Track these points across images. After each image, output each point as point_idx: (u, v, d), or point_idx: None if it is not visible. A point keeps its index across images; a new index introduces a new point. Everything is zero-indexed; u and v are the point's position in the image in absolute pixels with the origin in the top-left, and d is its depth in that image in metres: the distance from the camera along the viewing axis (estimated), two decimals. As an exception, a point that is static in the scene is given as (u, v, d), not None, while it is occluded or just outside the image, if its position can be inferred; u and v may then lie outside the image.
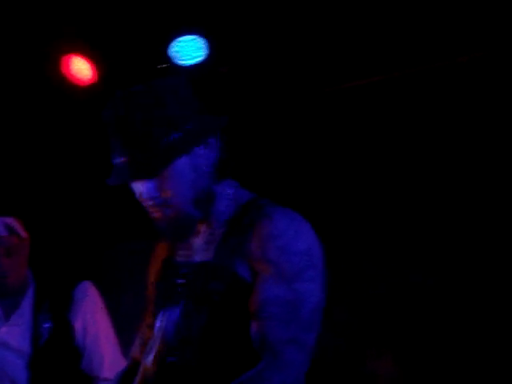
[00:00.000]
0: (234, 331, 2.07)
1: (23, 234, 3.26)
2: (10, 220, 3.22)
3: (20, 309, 3.23)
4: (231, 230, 2.13)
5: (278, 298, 2.02)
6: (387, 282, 3.98)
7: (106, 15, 3.85)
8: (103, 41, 3.99)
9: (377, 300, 3.88)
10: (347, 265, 3.87)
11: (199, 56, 3.74)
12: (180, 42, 3.71)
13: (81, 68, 4.00)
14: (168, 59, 3.78)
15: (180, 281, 2.15)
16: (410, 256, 4.09)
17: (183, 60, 3.76)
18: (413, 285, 3.93)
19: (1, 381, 3.24)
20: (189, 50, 3.73)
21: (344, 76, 4.24)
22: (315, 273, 2.05)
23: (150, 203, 2.07)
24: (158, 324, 2.18)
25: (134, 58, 3.85)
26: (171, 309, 2.16)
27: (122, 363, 3.10)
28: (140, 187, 2.07)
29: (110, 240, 4.40)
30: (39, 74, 4.11)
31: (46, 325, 3.26)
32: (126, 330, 3.17)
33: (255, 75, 3.87)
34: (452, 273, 4.01)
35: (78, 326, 3.26)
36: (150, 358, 2.13)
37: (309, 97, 4.28)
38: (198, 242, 2.18)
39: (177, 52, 3.75)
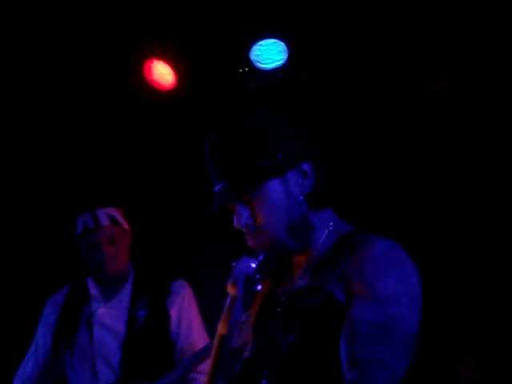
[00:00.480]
0: (324, 350, 2.06)
1: (125, 225, 3.43)
2: (113, 210, 3.40)
3: (119, 295, 3.45)
4: (330, 257, 2.13)
5: (371, 319, 2.01)
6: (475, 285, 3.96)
7: (187, 19, 3.91)
8: (184, 45, 4.03)
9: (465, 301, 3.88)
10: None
11: (280, 60, 3.74)
12: (261, 45, 3.72)
13: (163, 73, 4.05)
14: (249, 63, 3.80)
15: (279, 309, 2.14)
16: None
17: (264, 64, 3.76)
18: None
19: (96, 357, 3.42)
20: (269, 53, 3.73)
21: (425, 78, 4.20)
22: (411, 301, 2.04)
23: (245, 230, 2.11)
24: (249, 328, 2.22)
25: (214, 62, 3.88)
26: (267, 327, 2.17)
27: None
28: (236, 214, 2.11)
29: (202, 238, 4.55)
30: (122, 78, 4.20)
31: (143, 312, 3.44)
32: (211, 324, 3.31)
33: (335, 79, 3.85)
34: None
35: (173, 313, 3.43)
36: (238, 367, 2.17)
37: (391, 100, 4.25)
38: (296, 273, 2.20)
39: (257, 56, 3.76)
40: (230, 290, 2.28)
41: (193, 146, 2.31)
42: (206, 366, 3.25)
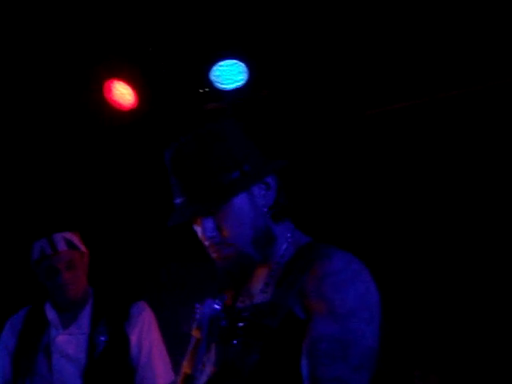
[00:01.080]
0: (286, 367, 2.07)
1: (83, 248, 3.41)
2: (70, 235, 3.37)
3: (78, 320, 3.37)
4: (289, 271, 2.13)
5: (330, 335, 2.02)
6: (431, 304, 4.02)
7: (147, 39, 3.94)
8: (144, 65, 4.07)
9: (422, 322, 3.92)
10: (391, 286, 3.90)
11: (240, 80, 3.78)
12: (221, 66, 3.75)
13: (123, 93, 4.07)
14: (209, 83, 3.83)
15: (241, 324, 2.16)
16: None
17: (224, 84, 3.80)
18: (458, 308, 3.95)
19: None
20: (230, 74, 3.77)
21: (384, 98, 4.30)
22: (370, 315, 2.05)
23: (209, 242, 2.10)
24: (212, 359, 2.20)
25: (175, 82, 3.91)
26: (227, 346, 2.18)
27: (172, 378, 3.39)
28: (200, 227, 2.11)
29: (164, 260, 4.54)
30: (82, 98, 4.21)
31: (102, 338, 3.38)
32: (173, 348, 3.41)
33: (295, 98, 3.91)
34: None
35: (133, 338, 3.38)
36: None
37: (349, 119, 4.34)
38: (257, 286, 2.21)
39: (218, 76, 3.79)
40: (195, 333, 2.30)
41: (152, 167, 2.31)
42: None
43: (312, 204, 3.80)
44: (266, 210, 2.13)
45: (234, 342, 2.12)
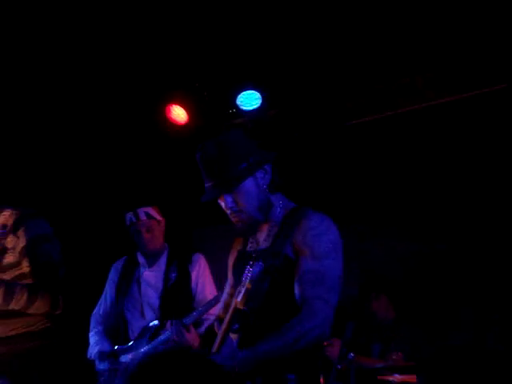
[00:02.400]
0: (284, 291, 2.74)
1: (159, 217, 4.52)
2: (149, 208, 4.50)
3: (158, 263, 4.58)
4: (282, 227, 2.82)
5: (311, 269, 2.68)
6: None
7: (195, 76, 5.35)
8: (193, 94, 5.43)
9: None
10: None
11: (256, 104, 5.14)
12: (243, 94, 5.12)
13: (178, 113, 5.47)
14: (236, 106, 5.18)
15: (251, 262, 2.76)
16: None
17: (246, 106, 5.16)
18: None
19: (143, 303, 4.48)
20: (249, 100, 5.12)
21: (362, 112, 5.52)
22: (337, 255, 2.76)
23: (230, 211, 2.78)
24: (237, 289, 2.80)
25: (214, 106, 5.30)
26: (241, 286, 2.75)
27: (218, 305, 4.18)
28: (223, 201, 2.80)
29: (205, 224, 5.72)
30: (152, 116, 5.61)
31: (173, 274, 4.53)
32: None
33: (294, 116, 5.37)
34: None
35: (193, 275, 4.55)
36: (232, 306, 2.80)
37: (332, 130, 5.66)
38: (261, 236, 2.90)
39: (241, 101, 5.16)
40: (230, 270, 3.09)
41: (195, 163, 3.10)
42: (215, 311, 4.22)
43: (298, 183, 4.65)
44: (265, 187, 2.80)
45: (251, 274, 2.72)
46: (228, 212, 2.82)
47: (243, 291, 2.75)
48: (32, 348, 3.70)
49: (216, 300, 4.17)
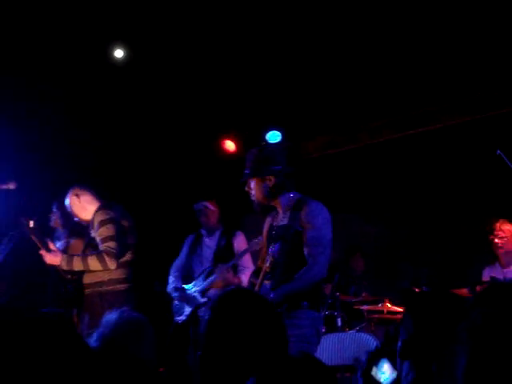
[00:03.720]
0: (298, 252, 4.00)
1: (212, 208, 6.57)
2: (207, 202, 6.59)
3: (214, 235, 6.64)
4: (293, 210, 4.09)
5: (313, 236, 3.98)
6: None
7: (241, 121, 8.06)
8: (240, 132, 8.16)
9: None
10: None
11: (278, 139, 7.86)
12: (269, 133, 7.88)
13: (230, 145, 8.25)
14: (265, 140, 7.86)
15: (275, 233, 4.15)
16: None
17: (271, 140, 7.85)
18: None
19: (203, 258, 6.49)
20: (273, 137, 7.87)
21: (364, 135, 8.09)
22: (328, 226, 4.06)
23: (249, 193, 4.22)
24: (270, 250, 4.08)
25: (254, 140, 7.61)
26: (273, 246, 4.07)
27: (253, 267, 5.83)
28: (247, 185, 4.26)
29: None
30: (211, 146, 8.30)
31: (223, 242, 6.54)
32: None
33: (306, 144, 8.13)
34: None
35: (235, 243, 6.48)
36: (267, 263, 4.04)
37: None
38: (279, 216, 4.21)
39: (268, 138, 7.89)
40: (263, 240, 4.35)
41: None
42: (248, 263, 6.22)
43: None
44: (268, 188, 4.14)
45: (277, 244, 4.01)
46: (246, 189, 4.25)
47: (269, 261, 4.04)
48: (105, 291, 5.11)
49: (245, 252, 6.08)
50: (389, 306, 6.52)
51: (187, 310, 6.14)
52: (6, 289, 6.12)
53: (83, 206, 5.42)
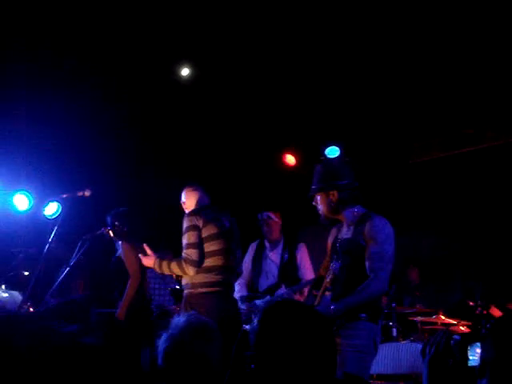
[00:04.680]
0: (359, 264, 4.04)
1: (276, 219, 6.84)
2: (271, 213, 6.88)
3: (277, 248, 6.90)
4: (357, 224, 4.12)
5: (376, 251, 4.02)
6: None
7: (303, 138, 8.46)
8: (301, 148, 8.54)
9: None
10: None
11: (337, 153, 8.17)
12: (328, 149, 8.21)
13: (290, 159, 8.64)
14: (325, 155, 8.11)
15: (335, 257, 4.15)
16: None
17: (331, 155, 8.14)
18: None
19: (267, 272, 6.74)
20: (332, 152, 8.18)
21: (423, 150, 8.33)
22: (391, 242, 4.10)
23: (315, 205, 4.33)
24: (332, 266, 4.17)
25: (311, 155, 8.13)
26: (337, 259, 4.15)
27: (313, 276, 6.46)
28: (314, 200, 4.31)
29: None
30: (273, 160, 8.67)
31: (286, 255, 6.75)
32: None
33: (362, 159, 8.20)
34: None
35: (298, 257, 6.76)
36: (328, 279, 4.15)
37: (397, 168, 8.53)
38: (344, 230, 4.24)
39: (327, 153, 8.19)
40: (329, 251, 4.31)
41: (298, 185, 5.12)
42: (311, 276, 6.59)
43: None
44: (333, 202, 4.24)
45: (340, 257, 4.05)
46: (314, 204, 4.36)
47: (330, 277, 4.13)
48: (189, 294, 5.47)
49: (312, 281, 6.05)
50: (442, 318, 6.61)
51: (255, 321, 6.32)
52: (82, 288, 6.72)
53: (187, 207, 5.78)
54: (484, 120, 7.73)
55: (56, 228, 5.76)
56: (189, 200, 5.76)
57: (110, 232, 5.87)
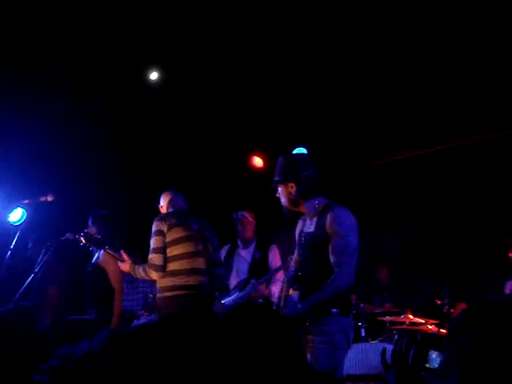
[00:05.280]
0: (323, 259, 3.98)
1: (250, 219, 7.06)
2: (245, 212, 7.08)
3: (249, 247, 7.11)
4: (320, 217, 4.06)
5: (339, 244, 3.94)
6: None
7: (269, 142, 8.46)
8: (267, 151, 8.57)
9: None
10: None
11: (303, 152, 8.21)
12: (296, 150, 8.00)
13: (258, 161, 8.72)
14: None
15: (303, 239, 4.16)
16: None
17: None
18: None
19: (238, 269, 6.97)
20: (299, 150, 8.15)
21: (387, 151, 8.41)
22: (354, 234, 4.00)
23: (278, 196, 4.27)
24: (295, 257, 4.23)
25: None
26: (300, 255, 4.17)
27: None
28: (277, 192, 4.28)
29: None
30: (242, 161, 8.72)
31: (258, 254, 7.00)
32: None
33: (328, 157, 8.33)
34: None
35: (269, 256, 6.98)
36: (291, 271, 4.19)
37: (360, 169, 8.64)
38: (308, 222, 4.20)
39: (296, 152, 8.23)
40: (296, 235, 4.35)
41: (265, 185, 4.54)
42: (280, 277, 6.53)
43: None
44: (293, 194, 4.16)
45: (305, 249, 4.05)
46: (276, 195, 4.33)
47: (291, 274, 4.22)
48: (158, 297, 5.64)
49: (279, 269, 6.69)
50: (411, 317, 6.64)
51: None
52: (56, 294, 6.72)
53: (164, 210, 5.98)
54: (450, 119, 7.86)
55: (18, 233, 5.87)
56: (165, 203, 5.96)
57: (82, 238, 5.76)
